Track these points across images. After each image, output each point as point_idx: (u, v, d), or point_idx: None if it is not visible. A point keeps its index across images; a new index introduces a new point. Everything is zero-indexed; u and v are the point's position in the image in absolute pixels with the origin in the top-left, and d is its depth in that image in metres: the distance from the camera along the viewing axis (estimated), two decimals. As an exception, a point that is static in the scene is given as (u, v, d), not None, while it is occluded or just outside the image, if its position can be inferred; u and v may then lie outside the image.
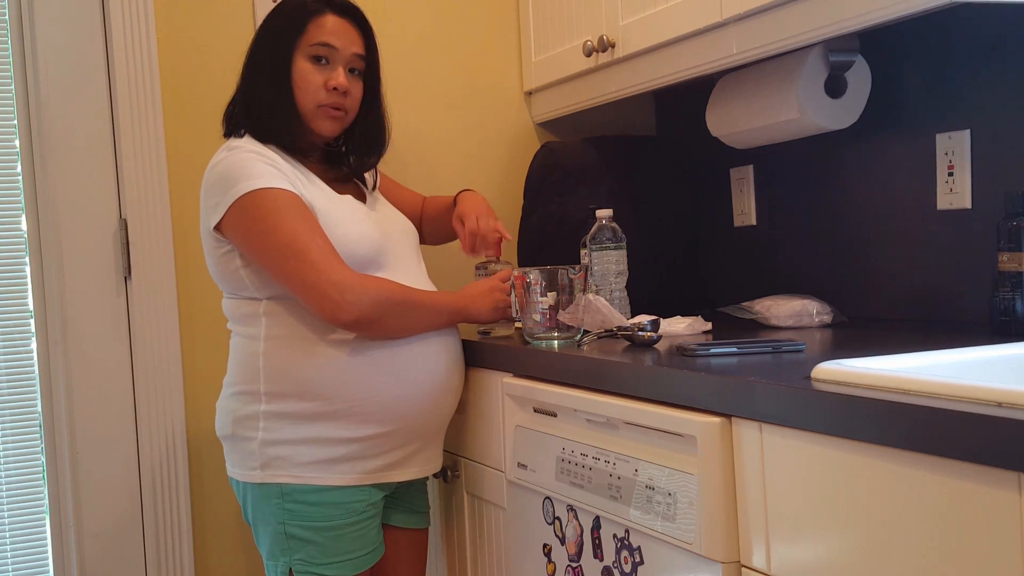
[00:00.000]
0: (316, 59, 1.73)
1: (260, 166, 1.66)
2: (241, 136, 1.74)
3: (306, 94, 1.74)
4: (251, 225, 1.64)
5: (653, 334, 1.61)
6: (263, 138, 1.73)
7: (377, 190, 1.94)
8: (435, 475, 1.88)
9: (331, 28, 1.74)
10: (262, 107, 1.74)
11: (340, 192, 1.78)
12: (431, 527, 1.96)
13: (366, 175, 1.91)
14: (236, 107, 1.79)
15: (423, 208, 2.08)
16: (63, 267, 2.11)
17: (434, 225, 2.06)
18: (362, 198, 1.85)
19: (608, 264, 1.95)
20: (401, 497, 1.84)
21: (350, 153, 1.86)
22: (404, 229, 1.87)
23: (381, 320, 1.66)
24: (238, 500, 1.77)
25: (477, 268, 1.96)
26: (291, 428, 1.67)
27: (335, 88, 1.74)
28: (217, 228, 1.67)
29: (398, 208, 1.94)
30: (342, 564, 1.69)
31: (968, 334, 1.53)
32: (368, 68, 1.81)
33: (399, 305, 1.69)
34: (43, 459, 2.13)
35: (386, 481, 1.74)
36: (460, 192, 2.01)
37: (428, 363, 1.74)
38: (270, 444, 1.67)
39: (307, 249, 1.62)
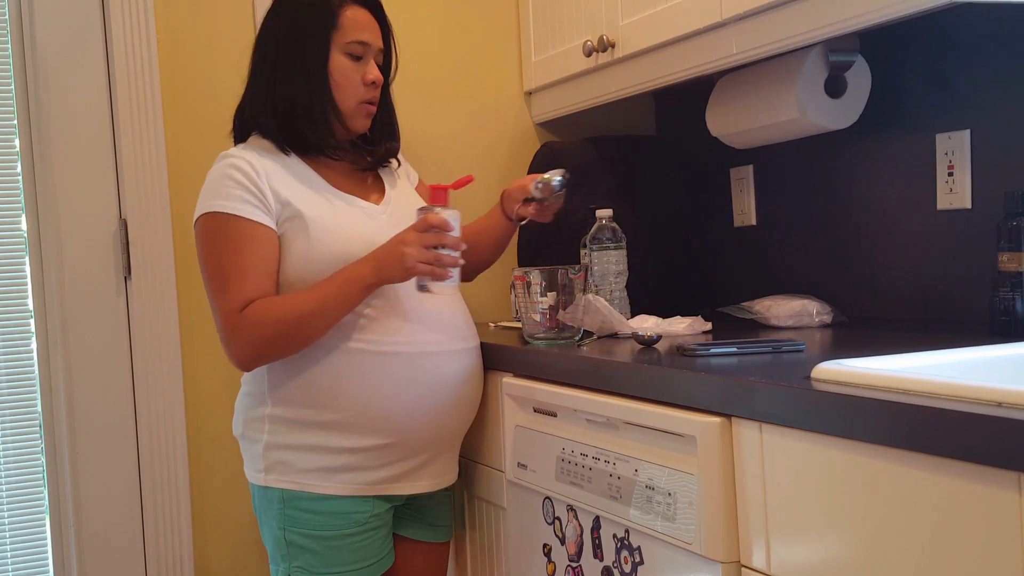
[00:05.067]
0: (353, 56, 1.69)
1: (229, 187, 1.62)
2: (247, 139, 1.72)
3: (347, 92, 1.69)
4: (200, 245, 1.66)
5: (653, 334, 1.61)
6: (290, 140, 1.69)
7: (406, 182, 1.85)
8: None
9: (363, 23, 1.70)
10: (297, 108, 1.67)
11: (359, 191, 1.73)
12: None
13: (392, 161, 1.84)
14: (248, 109, 1.73)
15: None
16: (63, 267, 2.11)
17: (482, 237, 1.88)
18: (381, 192, 1.78)
19: (608, 264, 1.95)
20: (418, 509, 1.80)
21: (376, 142, 1.79)
22: None
23: (275, 348, 1.61)
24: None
25: (419, 212, 1.67)
26: (293, 434, 1.65)
27: (373, 83, 1.70)
28: None
29: None
30: (342, 575, 1.66)
31: (968, 334, 1.53)
32: (385, 55, 1.78)
33: (288, 325, 1.59)
34: (43, 459, 2.13)
35: (390, 494, 1.70)
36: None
37: (435, 374, 1.68)
38: (274, 448, 1.66)
39: (226, 283, 1.60)
